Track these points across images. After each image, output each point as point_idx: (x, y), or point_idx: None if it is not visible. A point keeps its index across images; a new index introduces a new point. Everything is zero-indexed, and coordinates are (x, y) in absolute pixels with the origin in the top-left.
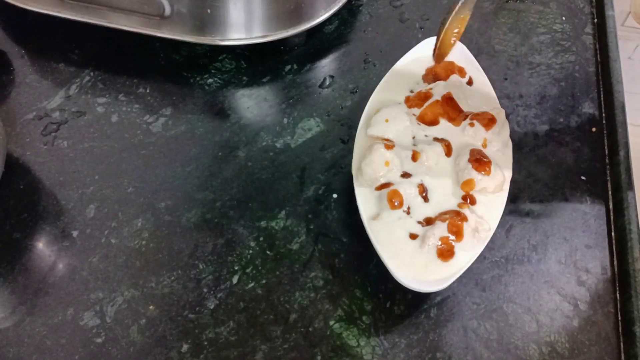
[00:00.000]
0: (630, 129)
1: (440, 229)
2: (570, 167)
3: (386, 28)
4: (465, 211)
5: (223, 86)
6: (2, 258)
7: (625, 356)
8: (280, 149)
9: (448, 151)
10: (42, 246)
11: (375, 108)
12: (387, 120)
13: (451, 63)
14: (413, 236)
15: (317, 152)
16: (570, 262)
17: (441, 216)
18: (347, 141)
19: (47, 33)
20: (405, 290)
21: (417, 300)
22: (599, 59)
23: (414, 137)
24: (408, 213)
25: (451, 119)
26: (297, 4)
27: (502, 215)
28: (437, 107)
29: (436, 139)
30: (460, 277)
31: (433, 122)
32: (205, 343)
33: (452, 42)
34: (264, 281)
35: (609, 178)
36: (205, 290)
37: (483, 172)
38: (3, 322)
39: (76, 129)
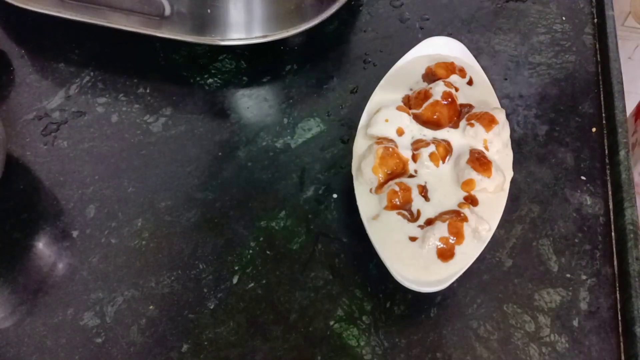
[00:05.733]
0: None
1: (441, 229)
2: (570, 167)
3: (386, 28)
4: (466, 211)
5: (223, 86)
6: (2, 258)
7: (625, 356)
8: (280, 149)
9: (447, 152)
10: (42, 246)
11: (375, 108)
12: (387, 120)
13: (451, 63)
14: (413, 238)
15: (317, 152)
16: (570, 262)
17: (441, 216)
18: (347, 141)
19: (47, 33)
20: (405, 290)
21: (417, 300)
22: (599, 59)
23: (412, 137)
24: (412, 217)
25: (451, 120)
26: (297, 4)
27: (502, 215)
28: (436, 107)
29: (436, 140)
30: (460, 277)
31: (433, 123)
32: (205, 343)
33: None
34: (264, 281)
35: (609, 178)
36: (205, 290)
37: (483, 173)
38: (3, 322)
39: (76, 129)
